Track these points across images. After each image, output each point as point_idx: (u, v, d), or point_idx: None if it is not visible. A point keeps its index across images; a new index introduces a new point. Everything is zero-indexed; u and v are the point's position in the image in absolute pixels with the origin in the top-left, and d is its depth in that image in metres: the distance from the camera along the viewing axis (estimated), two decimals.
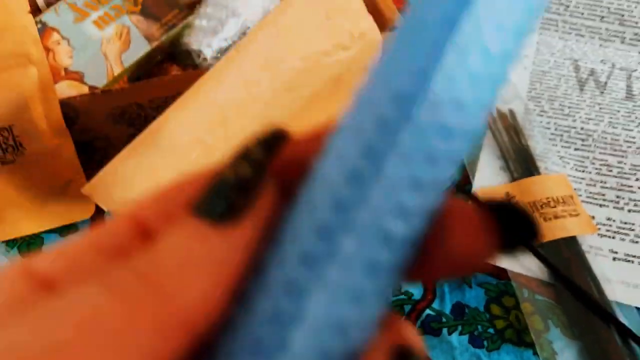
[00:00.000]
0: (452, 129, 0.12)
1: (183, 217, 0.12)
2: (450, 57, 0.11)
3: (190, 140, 0.31)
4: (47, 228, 0.40)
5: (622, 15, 0.52)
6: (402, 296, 0.37)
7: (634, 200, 0.41)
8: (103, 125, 0.40)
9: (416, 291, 0.37)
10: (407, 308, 0.37)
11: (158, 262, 0.12)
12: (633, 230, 0.40)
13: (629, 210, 0.40)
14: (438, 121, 0.12)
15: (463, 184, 0.43)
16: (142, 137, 0.31)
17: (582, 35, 0.52)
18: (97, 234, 0.13)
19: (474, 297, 0.37)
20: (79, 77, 0.42)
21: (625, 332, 0.34)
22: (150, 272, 0.11)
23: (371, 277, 0.12)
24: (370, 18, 0.34)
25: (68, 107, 0.38)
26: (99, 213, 0.40)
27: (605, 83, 0.48)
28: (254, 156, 0.13)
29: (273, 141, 0.13)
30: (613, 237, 0.39)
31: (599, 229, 0.40)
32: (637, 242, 0.39)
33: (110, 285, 0.11)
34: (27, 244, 0.40)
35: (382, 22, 0.42)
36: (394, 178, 0.12)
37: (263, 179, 0.13)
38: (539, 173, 0.42)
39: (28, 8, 0.37)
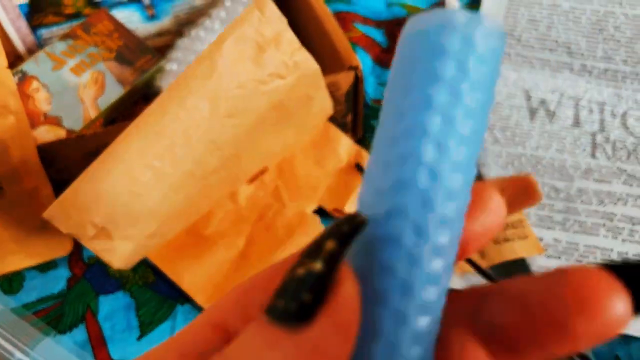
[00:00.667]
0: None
1: (257, 319, 0.11)
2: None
3: (141, 165, 0.33)
4: (27, 265, 0.42)
5: (570, 47, 0.55)
6: None
7: (579, 221, 0.44)
8: (79, 165, 0.42)
9: None
10: None
11: None
12: (577, 250, 0.42)
13: (574, 232, 0.43)
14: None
15: None
16: (96, 164, 0.33)
17: (534, 67, 0.55)
18: (181, 341, 0.13)
19: None
20: (57, 122, 0.45)
21: None
22: None
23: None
24: (303, 49, 0.37)
25: (46, 152, 0.40)
26: (76, 249, 0.43)
27: (554, 112, 0.52)
28: (326, 248, 0.11)
29: (348, 231, 0.12)
30: (559, 257, 0.42)
31: (547, 250, 0.42)
32: (581, 261, 0.42)
33: None
34: (9, 280, 0.42)
35: (340, 63, 0.45)
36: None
37: (336, 273, 0.11)
38: None
39: (6, 64, 0.40)
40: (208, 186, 0.38)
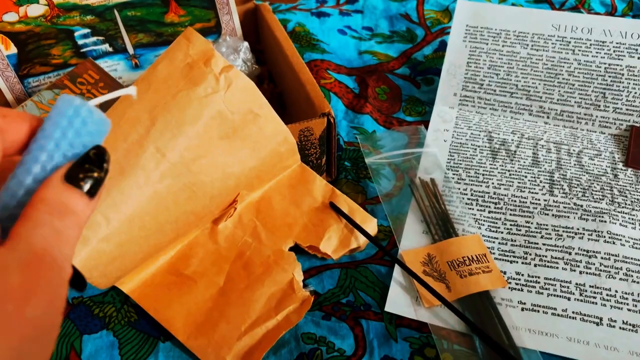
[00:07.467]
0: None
1: None
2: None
3: None
4: None
5: (528, 91, 0.59)
6: (336, 353, 0.41)
7: (539, 255, 0.47)
8: None
9: (348, 348, 0.42)
10: None
11: None
12: (538, 282, 0.45)
13: (535, 265, 0.46)
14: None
15: (389, 248, 0.48)
16: None
17: (496, 110, 0.59)
18: None
19: (400, 350, 0.41)
20: None
21: None
22: None
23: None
24: (234, 68, 0.40)
25: None
26: None
27: (515, 152, 0.55)
28: None
29: None
30: (521, 290, 0.45)
31: (509, 283, 0.45)
32: (542, 293, 0.44)
33: None
34: None
35: (314, 110, 0.49)
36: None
37: None
38: (457, 235, 0.48)
39: None
40: (160, 196, 0.39)
